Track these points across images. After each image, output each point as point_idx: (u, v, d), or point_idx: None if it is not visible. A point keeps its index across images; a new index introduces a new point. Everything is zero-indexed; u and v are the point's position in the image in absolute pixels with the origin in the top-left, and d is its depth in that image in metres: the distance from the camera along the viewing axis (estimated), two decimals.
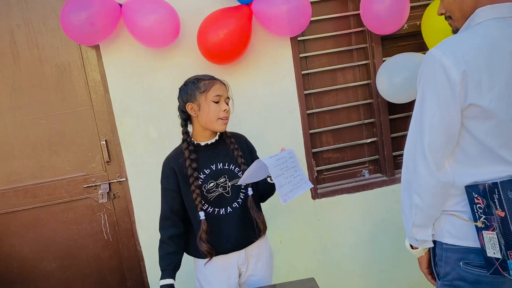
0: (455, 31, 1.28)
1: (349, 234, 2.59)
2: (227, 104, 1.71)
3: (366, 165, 2.65)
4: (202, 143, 1.73)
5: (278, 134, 2.40)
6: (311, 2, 2.25)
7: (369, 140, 2.61)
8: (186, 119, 1.74)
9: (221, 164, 1.71)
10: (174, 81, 2.23)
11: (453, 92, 1.08)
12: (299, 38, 2.41)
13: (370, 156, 2.63)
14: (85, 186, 2.36)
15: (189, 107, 1.70)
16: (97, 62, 2.27)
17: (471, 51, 1.10)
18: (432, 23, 2.21)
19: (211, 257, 1.69)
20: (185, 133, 1.73)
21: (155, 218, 2.27)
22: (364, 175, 2.64)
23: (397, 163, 2.59)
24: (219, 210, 1.70)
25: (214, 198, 1.68)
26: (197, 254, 1.73)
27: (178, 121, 1.85)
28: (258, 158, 1.76)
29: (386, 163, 2.57)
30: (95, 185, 2.37)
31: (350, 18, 2.48)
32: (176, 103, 1.78)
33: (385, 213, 2.57)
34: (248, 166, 1.53)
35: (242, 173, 1.66)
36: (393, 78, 2.28)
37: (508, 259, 1.12)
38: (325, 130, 2.56)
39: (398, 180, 2.53)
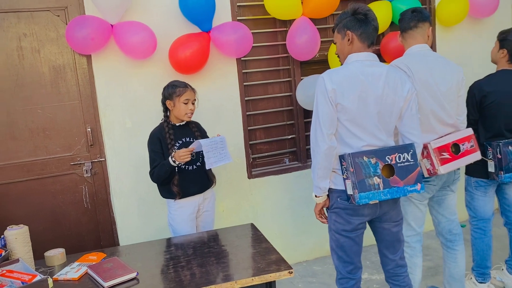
0: (341, 64, 2.20)
1: (274, 205, 3.46)
2: (193, 104, 2.56)
3: (287, 155, 3.55)
4: (176, 124, 2.58)
5: (225, 128, 3.20)
6: (252, 33, 3.10)
7: (289, 137, 3.51)
8: (166, 108, 2.58)
9: (188, 138, 2.59)
10: (148, 85, 2.98)
11: (327, 97, 1.98)
12: (243, 59, 3.25)
13: (290, 148, 3.54)
14: (72, 163, 2.98)
15: (167, 103, 2.55)
16: (87, 66, 2.93)
17: (340, 77, 2.01)
18: (335, 54, 3.18)
19: (179, 196, 2.52)
20: (165, 116, 2.59)
21: (127, 190, 3.04)
22: (285, 162, 3.54)
23: (308, 154, 3.51)
24: (188, 167, 2.56)
25: None
26: (170, 196, 2.57)
27: (148, 114, 2.86)
28: (208, 138, 2.63)
29: (301, 153, 3.50)
30: (80, 163, 3.00)
31: (279, 46, 3.38)
32: (147, 102, 2.64)
33: (300, 190, 3.48)
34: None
35: None
36: (307, 91, 3.19)
37: (358, 193, 1.97)
38: (259, 127, 3.42)
39: (309, 166, 3.44)
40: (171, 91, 2.52)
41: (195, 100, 2.57)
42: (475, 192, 2.81)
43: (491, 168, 2.67)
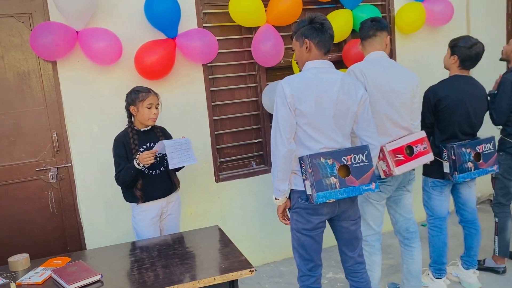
0: (300, 71, 2.30)
1: (241, 208, 3.53)
2: (157, 108, 2.60)
3: (254, 158, 3.63)
4: (141, 129, 2.62)
5: (192, 133, 3.24)
6: (217, 40, 3.17)
7: (256, 141, 3.60)
8: (130, 114, 2.61)
9: (152, 143, 2.61)
10: (114, 90, 3.01)
11: (286, 102, 2.07)
12: (209, 64, 3.32)
13: (257, 152, 3.62)
14: (37, 169, 2.98)
15: (131, 109, 2.59)
16: (53, 72, 2.94)
17: (298, 83, 2.10)
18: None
19: (142, 201, 2.55)
20: (130, 121, 2.62)
21: (94, 195, 3.06)
22: (252, 166, 3.62)
23: None
24: (152, 171, 2.59)
25: None
26: (133, 200, 2.60)
27: (115, 120, 2.86)
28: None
29: (268, 157, 3.58)
30: (45, 169, 3.00)
31: (244, 53, 3.47)
32: (114, 107, 2.63)
33: (267, 193, 3.55)
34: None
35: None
36: (273, 97, 3.26)
37: (316, 193, 2.07)
38: (226, 132, 3.49)
39: None
40: (134, 97, 2.56)
41: (158, 104, 2.62)
42: (432, 192, 2.95)
43: (446, 169, 2.82)
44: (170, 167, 2.48)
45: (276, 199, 2.26)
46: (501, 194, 3.12)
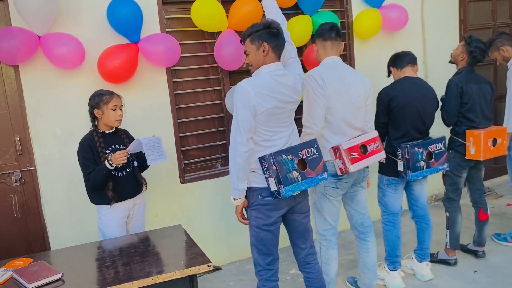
0: (252, 74, 2.41)
1: (207, 209, 3.61)
2: (121, 110, 2.66)
3: (219, 160, 3.72)
4: (106, 132, 2.66)
5: (157, 135, 3.31)
6: (180, 44, 3.25)
7: (221, 142, 3.69)
8: (94, 117, 2.64)
9: (118, 145, 2.67)
10: (78, 94, 3.05)
11: (250, 103, 2.16)
12: (173, 68, 3.40)
13: (222, 154, 3.71)
14: (0, 173, 2.99)
15: (96, 112, 2.62)
16: (15, 76, 2.96)
17: (258, 85, 2.21)
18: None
19: (114, 201, 2.59)
20: (94, 125, 2.65)
21: (59, 198, 3.08)
22: (217, 167, 3.71)
23: None
24: (119, 172, 2.63)
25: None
26: (103, 201, 2.62)
27: (79, 123, 2.88)
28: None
29: None
30: (8, 173, 3.02)
31: (208, 57, 3.56)
32: (78, 111, 2.66)
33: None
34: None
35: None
36: None
37: (284, 188, 2.22)
38: (191, 134, 3.57)
39: None
40: (98, 100, 2.61)
41: (122, 106, 2.68)
42: (386, 189, 3.11)
43: (400, 167, 2.98)
44: (149, 164, 2.57)
45: (234, 199, 2.34)
46: (451, 190, 3.31)
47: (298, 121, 3.54)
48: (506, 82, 3.46)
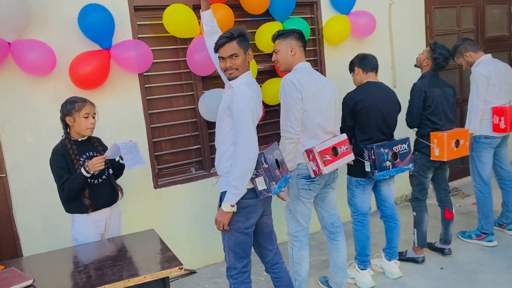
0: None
1: (181, 213, 3.64)
2: (94, 118, 2.63)
3: (193, 164, 3.76)
4: (79, 139, 2.62)
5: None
6: (152, 50, 3.29)
7: (195, 147, 3.73)
8: (66, 125, 2.61)
9: (91, 152, 2.64)
10: (49, 100, 3.06)
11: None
12: (145, 74, 3.42)
13: (196, 158, 3.75)
14: None
15: (67, 119, 2.58)
16: None
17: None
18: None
19: (91, 209, 2.55)
20: (66, 133, 2.61)
21: (31, 205, 3.07)
22: (192, 171, 3.75)
23: (213, 163, 3.74)
24: (95, 180, 2.61)
25: None
26: (79, 210, 2.57)
27: (51, 129, 2.86)
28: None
29: (206, 162, 3.73)
30: None
31: (180, 62, 3.60)
32: (49, 117, 2.62)
33: (206, 196, 3.69)
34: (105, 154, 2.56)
35: None
36: (209, 104, 3.43)
37: (271, 187, 2.31)
38: (165, 139, 3.60)
39: (215, 174, 3.67)
40: (70, 107, 2.56)
41: (95, 114, 2.64)
42: (355, 190, 3.21)
43: (367, 168, 3.08)
44: (127, 168, 2.55)
45: (231, 206, 2.32)
46: (418, 190, 3.44)
47: (276, 124, 3.64)
48: (470, 85, 3.62)
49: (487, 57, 3.59)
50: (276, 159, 2.42)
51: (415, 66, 3.51)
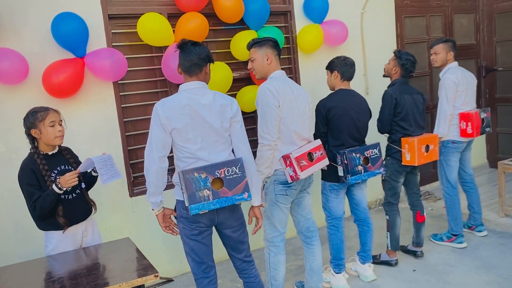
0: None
1: (157, 221, 3.59)
2: (61, 125, 2.48)
3: (169, 172, 3.74)
4: (49, 153, 2.52)
5: (104, 149, 3.29)
6: (127, 58, 3.29)
7: (171, 154, 3.72)
8: (32, 138, 2.47)
9: (63, 166, 2.55)
10: (22, 109, 2.97)
11: (160, 123, 2.29)
12: (120, 82, 3.42)
13: (171, 166, 3.73)
14: None
15: (33, 132, 2.42)
16: None
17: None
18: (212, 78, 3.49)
19: (67, 227, 2.48)
20: (34, 147, 2.46)
21: (2, 216, 3.08)
22: (167, 179, 3.73)
23: None
24: (68, 196, 2.51)
25: None
26: (54, 228, 2.48)
27: (21, 139, 2.70)
28: (81, 163, 2.61)
29: None
30: None
31: (156, 70, 3.61)
32: (21, 127, 2.51)
33: None
34: (77, 168, 2.49)
35: None
36: None
37: (190, 205, 2.20)
38: (140, 147, 3.59)
39: None
40: (33, 119, 2.41)
41: (61, 120, 2.49)
42: (329, 194, 3.27)
43: (340, 172, 3.15)
44: (102, 183, 2.47)
45: (152, 209, 2.44)
46: (390, 195, 3.53)
47: (253, 131, 3.67)
48: (438, 91, 3.74)
49: (455, 64, 3.73)
50: (219, 177, 2.27)
51: (384, 76, 3.62)
